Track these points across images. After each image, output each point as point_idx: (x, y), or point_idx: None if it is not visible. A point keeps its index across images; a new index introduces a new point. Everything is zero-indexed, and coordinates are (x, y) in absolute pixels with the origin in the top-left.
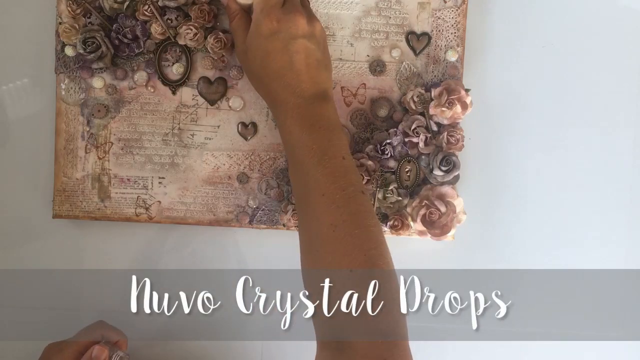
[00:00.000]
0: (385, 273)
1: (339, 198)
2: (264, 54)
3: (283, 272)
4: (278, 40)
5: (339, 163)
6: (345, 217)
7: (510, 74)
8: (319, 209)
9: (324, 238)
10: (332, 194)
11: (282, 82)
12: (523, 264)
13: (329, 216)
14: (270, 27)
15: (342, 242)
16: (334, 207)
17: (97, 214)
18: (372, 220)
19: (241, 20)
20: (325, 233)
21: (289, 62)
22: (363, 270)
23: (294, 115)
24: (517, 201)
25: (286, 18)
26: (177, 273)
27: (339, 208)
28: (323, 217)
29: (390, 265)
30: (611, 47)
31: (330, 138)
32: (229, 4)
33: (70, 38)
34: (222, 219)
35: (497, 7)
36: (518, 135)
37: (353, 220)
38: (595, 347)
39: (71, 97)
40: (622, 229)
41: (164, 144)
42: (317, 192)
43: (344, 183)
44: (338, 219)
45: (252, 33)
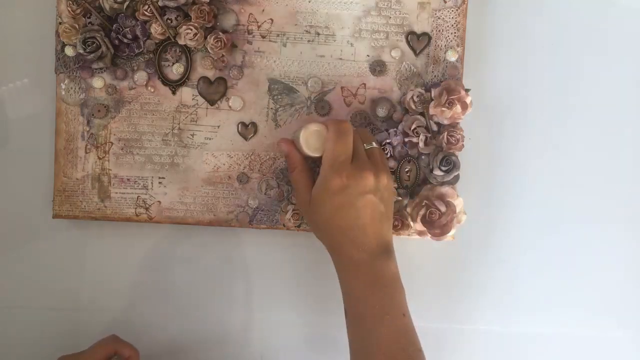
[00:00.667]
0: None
1: (401, 358)
2: (332, 210)
3: (283, 272)
4: (346, 196)
5: (399, 322)
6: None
7: (510, 74)
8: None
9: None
10: (395, 355)
11: (347, 237)
12: (523, 263)
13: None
14: (340, 183)
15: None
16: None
17: (97, 214)
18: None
19: (303, 173)
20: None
21: (356, 218)
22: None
23: (357, 270)
24: (517, 201)
25: (356, 175)
26: (177, 273)
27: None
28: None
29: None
30: (611, 47)
31: (392, 296)
32: (290, 155)
33: (70, 38)
34: (222, 219)
35: (497, 7)
36: (518, 135)
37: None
38: (595, 346)
39: (71, 97)
40: (622, 229)
41: (164, 144)
42: (378, 351)
43: (405, 342)
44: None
45: (319, 187)
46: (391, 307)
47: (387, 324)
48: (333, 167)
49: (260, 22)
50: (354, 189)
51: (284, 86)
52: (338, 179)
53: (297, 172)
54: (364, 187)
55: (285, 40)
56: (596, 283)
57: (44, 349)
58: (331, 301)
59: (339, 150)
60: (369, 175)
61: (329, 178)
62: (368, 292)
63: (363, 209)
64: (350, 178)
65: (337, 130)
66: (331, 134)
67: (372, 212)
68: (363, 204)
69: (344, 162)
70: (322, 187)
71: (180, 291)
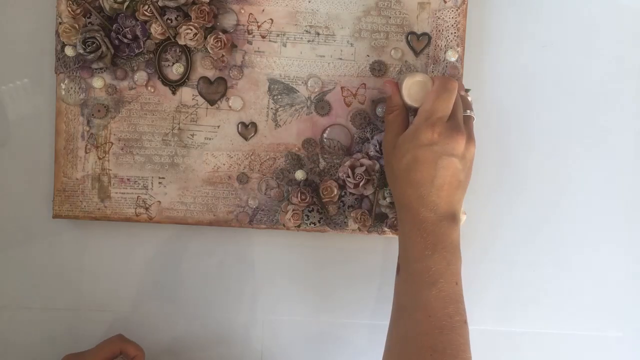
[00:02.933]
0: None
1: (446, 325)
2: (413, 160)
3: (283, 273)
4: (431, 152)
5: (452, 289)
6: (446, 345)
7: (510, 74)
8: (422, 329)
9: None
10: (440, 319)
11: (418, 192)
12: (523, 263)
13: (430, 339)
14: (430, 137)
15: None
16: (438, 331)
17: (97, 214)
18: (468, 353)
19: (400, 117)
20: (422, 354)
21: (433, 176)
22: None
23: (421, 228)
24: (517, 201)
25: (448, 134)
26: (177, 273)
27: (443, 334)
28: (424, 338)
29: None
30: (611, 47)
31: (449, 261)
32: (392, 97)
33: (70, 38)
34: (222, 219)
35: (497, 7)
36: (518, 134)
37: (453, 350)
38: (595, 346)
39: (71, 97)
40: (622, 229)
41: (164, 144)
42: (424, 313)
43: (453, 310)
44: (439, 345)
45: (408, 136)
46: (446, 272)
47: (439, 288)
48: (428, 120)
49: (260, 22)
50: (442, 147)
51: (284, 86)
52: (430, 132)
53: (394, 114)
54: (452, 149)
55: (285, 40)
56: (596, 283)
57: (44, 349)
58: (331, 301)
59: (438, 106)
60: (460, 139)
61: (420, 129)
62: (428, 252)
63: (443, 170)
64: (442, 135)
65: (443, 85)
66: (436, 88)
67: (451, 176)
68: (445, 165)
69: (441, 118)
70: (411, 136)
71: (181, 291)
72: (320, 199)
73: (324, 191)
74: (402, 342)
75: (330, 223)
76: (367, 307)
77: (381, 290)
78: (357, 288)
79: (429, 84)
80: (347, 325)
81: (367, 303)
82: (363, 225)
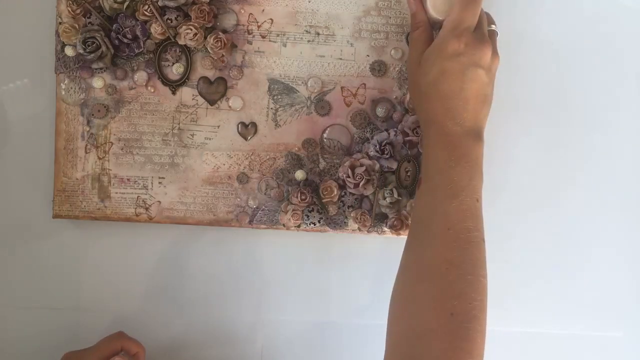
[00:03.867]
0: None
1: (464, 238)
2: (439, 72)
3: (283, 272)
4: (458, 63)
5: (472, 204)
6: (463, 259)
7: (509, 74)
8: (440, 241)
9: (436, 272)
10: (458, 233)
11: (445, 105)
12: (523, 263)
13: (448, 252)
14: (457, 48)
15: (453, 283)
16: (456, 245)
17: (97, 214)
18: (484, 271)
19: (425, 33)
20: (438, 267)
21: (460, 88)
22: (464, 318)
23: (446, 141)
24: (517, 201)
25: (474, 44)
26: (176, 273)
27: (460, 248)
28: (441, 251)
29: (485, 321)
30: (611, 47)
31: (472, 176)
32: (416, 13)
33: (70, 38)
34: (222, 219)
35: (496, 7)
36: (518, 134)
37: (469, 265)
38: (595, 346)
39: (71, 97)
40: (622, 229)
41: (164, 144)
42: (443, 225)
43: (472, 225)
44: (456, 258)
45: (434, 49)
46: (468, 186)
47: (460, 200)
48: (454, 30)
49: (260, 22)
50: (469, 58)
51: (284, 86)
52: (456, 42)
53: (419, 31)
54: (479, 59)
55: (285, 40)
56: (596, 283)
57: (44, 348)
58: (331, 301)
59: (464, 16)
60: (487, 50)
61: (447, 40)
62: (452, 164)
63: (471, 82)
64: (469, 46)
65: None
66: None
67: (478, 88)
68: (472, 77)
69: (467, 28)
70: (438, 47)
71: (181, 291)
72: (320, 199)
73: (324, 191)
74: (418, 255)
75: (330, 223)
76: (368, 307)
77: (382, 290)
78: (357, 288)
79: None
80: (347, 325)
81: (367, 303)
82: (363, 225)
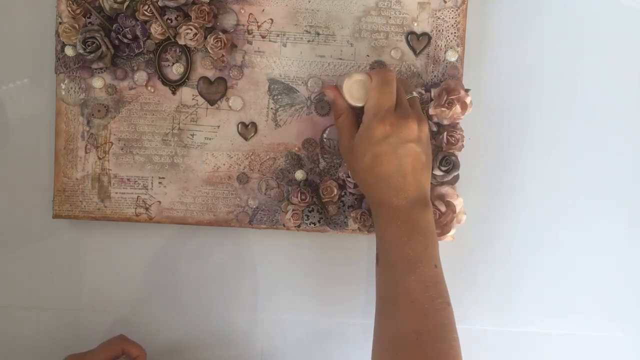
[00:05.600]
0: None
1: (428, 308)
2: (373, 157)
3: (283, 273)
4: (389, 145)
5: (431, 272)
6: (431, 328)
7: (510, 74)
8: (405, 314)
9: (406, 344)
10: (422, 303)
11: (387, 184)
12: (523, 263)
13: (414, 324)
14: (383, 131)
15: (424, 352)
16: (422, 316)
17: (97, 214)
18: (454, 334)
19: (348, 118)
20: (408, 339)
21: (397, 166)
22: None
23: (395, 217)
24: (517, 201)
25: (399, 123)
26: (177, 273)
27: (426, 318)
28: (408, 323)
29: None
30: (611, 47)
31: (426, 245)
32: (336, 101)
33: (70, 38)
34: (222, 219)
35: (497, 7)
36: (518, 135)
37: (438, 333)
38: (595, 346)
39: (71, 97)
40: (622, 229)
41: (164, 144)
42: (406, 298)
43: (435, 293)
44: (423, 328)
45: (362, 136)
46: (424, 256)
47: (418, 273)
48: (377, 115)
49: (260, 22)
50: (397, 137)
51: (284, 86)
52: (381, 127)
53: (342, 117)
54: (407, 135)
55: (285, 40)
56: (596, 283)
57: (44, 349)
58: (332, 301)
59: (383, 99)
60: (412, 124)
61: (372, 126)
62: (404, 239)
63: (405, 157)
64: (394, 126)
65: (382, 79)
66: (375, 83)
67: (413, 160)
68: (405, 153)
69: (388, 110)
70: (365, 135)
71: (181, 291)
72: (320, 199)
73: (324, 191)
74: (388, 330)
75: (330, 223)
76: (368, 306)
77: None
78: (357, 288)
79: (368, 81)
80: (347, 325)
81: (367, 303)
82: (363, 225)
